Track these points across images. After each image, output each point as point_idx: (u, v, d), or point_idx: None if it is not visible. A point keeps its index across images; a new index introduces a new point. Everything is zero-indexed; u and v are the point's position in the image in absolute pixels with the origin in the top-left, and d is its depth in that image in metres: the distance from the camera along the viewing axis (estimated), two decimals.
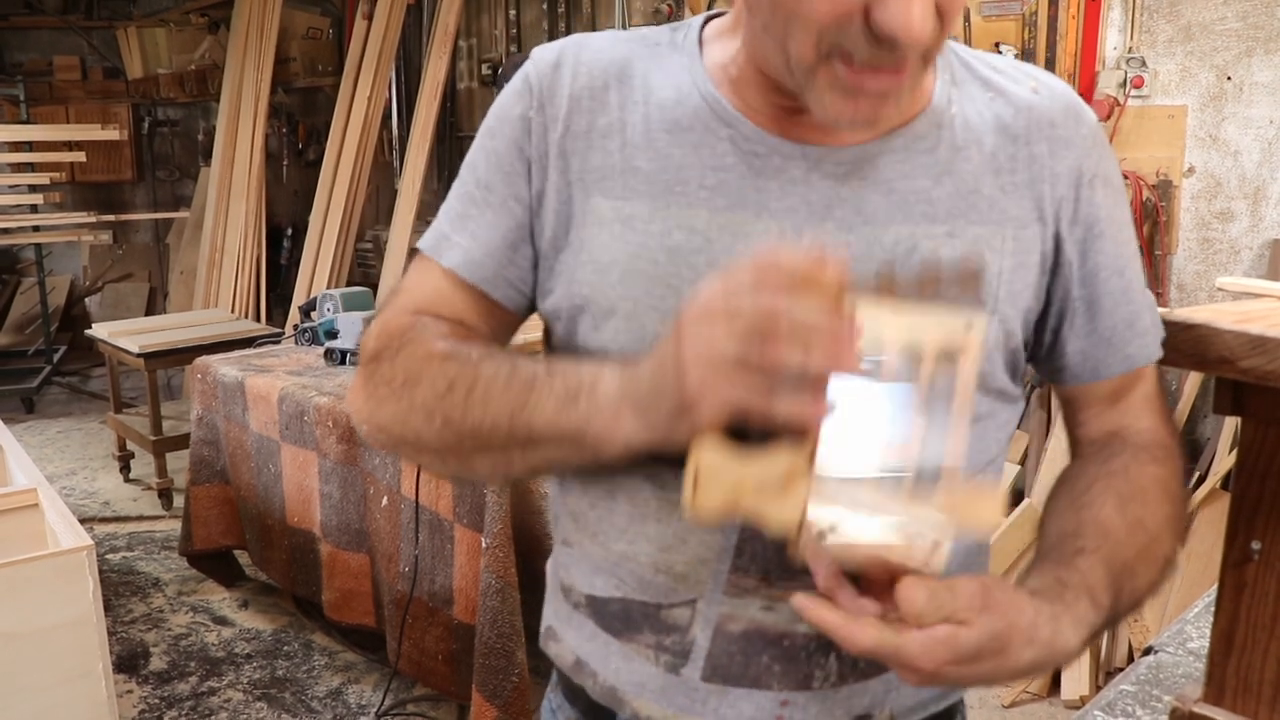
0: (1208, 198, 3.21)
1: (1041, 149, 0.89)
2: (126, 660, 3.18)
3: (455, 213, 0.96)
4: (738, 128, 0.86)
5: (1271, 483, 0.95)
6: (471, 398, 0.83)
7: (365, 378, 0.93)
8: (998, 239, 0.87)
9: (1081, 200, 0.90)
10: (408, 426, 0.88)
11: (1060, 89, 0.93)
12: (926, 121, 0.87)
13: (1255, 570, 0.95)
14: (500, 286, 0.94)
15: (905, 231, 0.85)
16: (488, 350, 0.87)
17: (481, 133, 0.96)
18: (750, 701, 0.90)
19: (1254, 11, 3.04)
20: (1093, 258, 0.91)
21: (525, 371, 0.82)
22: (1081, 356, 0.93)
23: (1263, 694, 0.96)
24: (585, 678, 0.99)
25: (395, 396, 0.89)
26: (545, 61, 0.93)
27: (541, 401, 0.80)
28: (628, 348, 0.86)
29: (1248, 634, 0.96)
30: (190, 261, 6.38)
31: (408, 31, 5.89)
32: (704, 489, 0.69)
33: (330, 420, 2.79)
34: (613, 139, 0.89)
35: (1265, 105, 3.06)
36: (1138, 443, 0.93)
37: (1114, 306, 0.92)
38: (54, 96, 6.86)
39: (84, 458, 5.11)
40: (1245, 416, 0.96)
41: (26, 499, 1.98)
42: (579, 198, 0.89)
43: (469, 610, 2.43)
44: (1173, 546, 0.88)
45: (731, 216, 0.85)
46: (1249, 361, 0.90)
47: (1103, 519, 0.85)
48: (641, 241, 0.86)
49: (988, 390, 0.90)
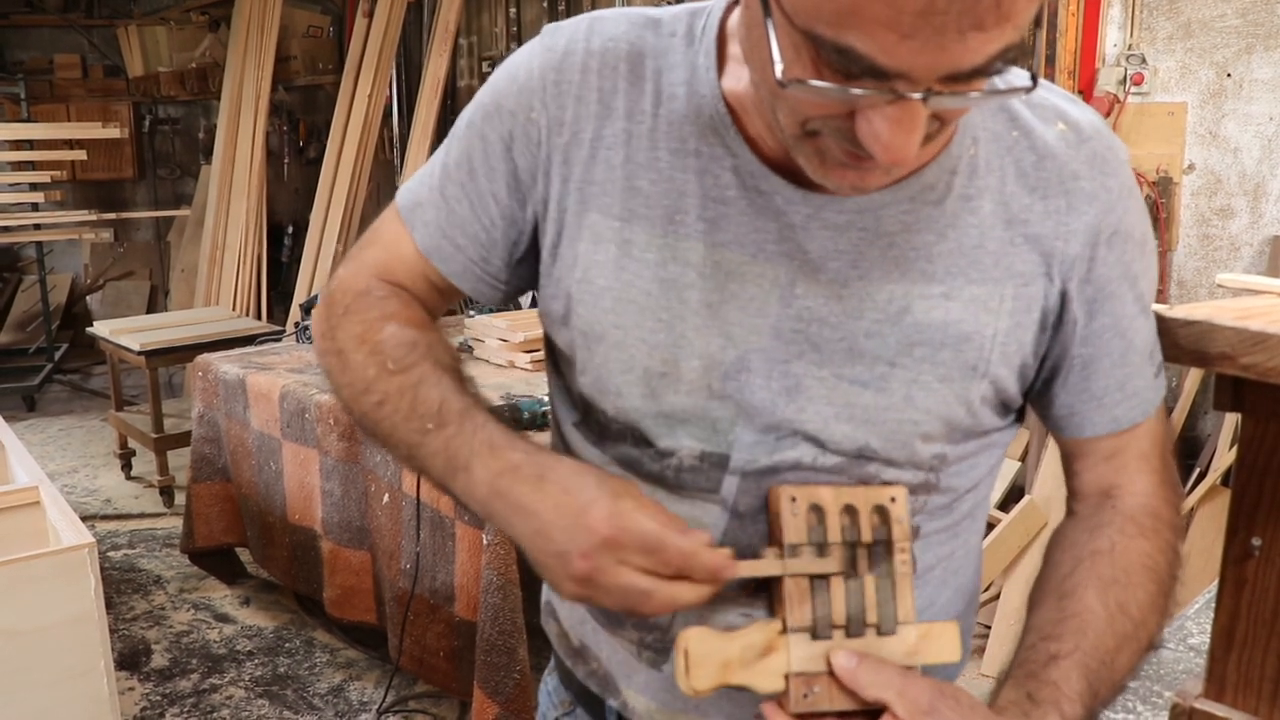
0: (1208, 194, 3.21)
1: (1059, 203, 0.84)
2: (128, 657, 3.18)
3: (436, 180, 0.95)
4: (743, 160, 0.83)
5: (1271, 479, 0.95)
6: (381, 410, 0.88)
7: (322, 316, 0.97)
8: (996, 299, 0.83)
9: (1097, 260, 0.85)
10: (339, 394, 0.94)
11: (1090, 130, 0.87)
12: (939, 168, 0.83)
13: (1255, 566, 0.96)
14: (469, 280, 0.95)
15: (900, 290, 0.82)
16: (410, 355, 0.89)
17: (479, 105, 0.93)
18: (731, 701, 0.90)
19: (1254, 8, 3.04)
20: (1099, 318, 0.87)
21: (425, 406, 0.85)
22: (1068, 411, 0.91)
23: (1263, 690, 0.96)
24: (579, 663, 1.00)
25: (333, 359, 0.94)
26: (555, 51, 0.89)
27: (432, 455, 0.85)
28: (615, 374, 0.86)
29: (1248, 630, 0.97)
30: (191, 259, 6.39)
31: (408, 29, 5.88)
32: (695, 671, 0.78)
33: (331, 418, 2.79)
34: (617, 151, 0.86)
35: (1265, 102, 3.05)
36: (1128, 510, 0.91)
37: (1110, 368, 0.88)
38: (55, 95, 6.87)
39: (85, 455, 5.12)
40: (1245, 413, 0.96)
41: (28, 497, 1.98)
42: (575, 208, 0.87)
43: (470, 607, 2.43)
44: (1157, 627, 0.87)
45: (727, 254, 0.83)
46: (1249, 358, 0.90)
47: (1083, 610, 0.84)
48: (637, 270, 0.85)
49: (973, 436, 0.89)
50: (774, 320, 0.83)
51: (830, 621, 0.80)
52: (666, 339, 0.84)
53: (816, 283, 0.82)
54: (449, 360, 0.90)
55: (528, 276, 0.95)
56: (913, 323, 0.82)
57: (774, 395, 0.83)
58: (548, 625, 1.06)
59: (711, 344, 0.83)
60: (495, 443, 0.82)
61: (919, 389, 0.83)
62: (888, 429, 0.83)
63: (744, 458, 0.85)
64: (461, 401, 0.85)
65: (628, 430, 0.88)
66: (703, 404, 0.84)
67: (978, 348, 0.83)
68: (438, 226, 0.93)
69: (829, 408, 0.83)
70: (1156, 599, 0.87)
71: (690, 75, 0.85)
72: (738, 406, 0.84)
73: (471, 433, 0.83)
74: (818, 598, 0.80)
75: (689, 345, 0.84)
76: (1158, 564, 0.88)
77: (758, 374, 0.83)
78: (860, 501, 0.82)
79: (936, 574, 0.94)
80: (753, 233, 0.83)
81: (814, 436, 0.84)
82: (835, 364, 0.83)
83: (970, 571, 0.99)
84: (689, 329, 0.83)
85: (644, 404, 0.86)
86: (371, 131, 5.56)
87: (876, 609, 0.81)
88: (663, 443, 0.87)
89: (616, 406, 0.88)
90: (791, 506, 0.81)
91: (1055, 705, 0.77)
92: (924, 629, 0.81)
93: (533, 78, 0.89)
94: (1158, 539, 0.89)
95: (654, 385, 0.85)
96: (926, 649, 0.81)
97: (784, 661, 0.79)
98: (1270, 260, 3.07)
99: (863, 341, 0.82)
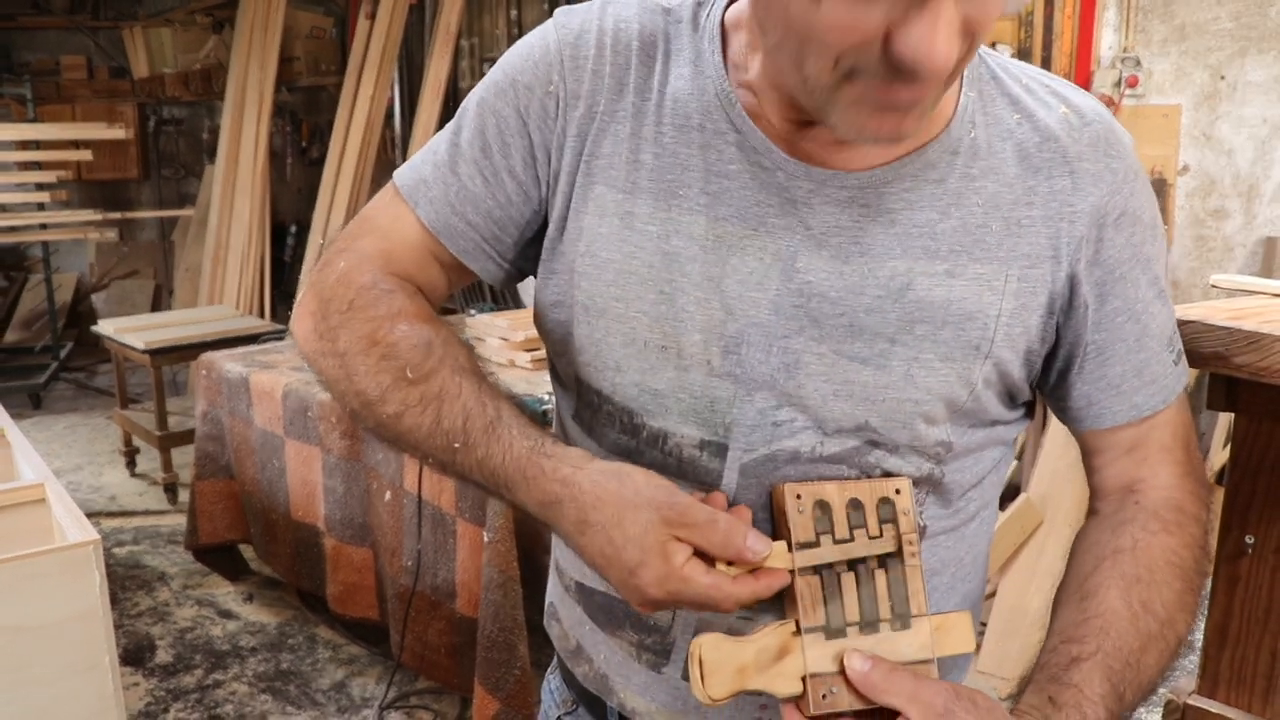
0: (1202, 196, 3.22)
1: (1064, 184, 0.83)
2: (133, 653, 3.20)
3: (443, 160, 0.93)
4: (747, 135, 0.83)
5: (1265, 477, 0.96)
6: (401, 423, 0.85)
7: (315, 313, 0.91)
8: (1000, 278, 0.82)
9: (1104, 241, 0.84)
10: (343, 401, 0.90)
11: (1093, 114, 0.86)
12: (940, 148, 0.83)
13: (1249, 564, 0.97)
14: (478, 259, 0.93)
15: (903, 267, 0.81)
16: (428, 360, 0.85)
17: (491, 84, 0.92)
18: (731, 703, 0.91)
19: (1247, 11, 3.05)
20: (1111, 301, 0.85)
21: (449, 423, 0.83)
22: (1086, 401, 0.89)
23: (1256, 686, 0.97)
24: (580, 663, 1.00)
25: (333, 362, 0.89)
26: (570, 29, 0.89)
27: (468, 471, 0.84)
28: (616, 347, 0.86)
29: (1242, 627, 0.98)
30: (195, 259, 6.40)
31: (410, 31, 5.89)
32: (711, 678, 0.77)
33: (334, 416, 2.80)
34: (625, 125, 0.86)
35: (1259, 104, 3.07)
36: (1151, 506, 0.88)
37: (1126, 353, 0.86)
38: (61, 96, 6.89)
39: (90, 453, 5.13)
40: (1239, 412, 0.98)
41: (34, 494, 1.99)
42: (582, 181, 0.87)
43: (471, 604, 2.44)
44: (1186, 625, 0.85)
45: (728, 228, 0.83)
46: (1242, 358, 0.91)
47: (1106, 610, 0.82)
48: (639, 243, 0.85)
49: (979, 424, 0.88)
50: (774, 294, 0.83)
51: (844, 619, 0.79)
52: (668, 311, 0.84)
53: (818, 257, 0.82)
54: (466, 361, 0.87)
55: (535, 257, 0.94)
56: (914, 300, 0.81)
57: (773, 370, 0.83)
58: (550, 627, 1.06)
59: (712, 317, 0.83)
60: (528, 472, 0.81)
61: (919, 367, 0.82)
62: (887, 408, 0.83)
63: (742, 445, 0.84)
64: (485, 416, 0.83)
65: (624, 413, 0.88)
66: (701, 380, 0.84)
67: (981, 327, 0.82)
68: (447, 203, 0.91)
69: (828, 384, 0.83)
70: (1184, 596, 0.85)
71: (696, 57, 0.86)
72: (736, 384, 0.84)
73: (501, 457, 0.82)
74: (830, 596, 0.79)
75: (689, 318, 0.84)
76: (1183, 560, 0.86)
77: (756, 348, 0.83)
78: (865, 495, 0.81)
79: (945, 579, 0.93)
80: (754, 206, 0.83)
81: (813, 415, 0.83)
82: (835, 340, 0.82)
83: (978, 579, 0.98)
84: (690, 301, 0.83)
85: (644, 378, 0.86)
86: (374, 132, 5.57)
87: (890, 603, 0.80)
88: (658, 423, 0.86)
89: (615, 384, 0.87)
90: (798, 504, 0.80)
91: (1077, 708, 0.77)
92: (938, 621, 0.81)
93: (549, 52, 0.89)
94: (1183, 534, 0.87)
95: (654, 360, 0.85)
96: (942, 641, 0.81)
97: (800, 663, 0.78)
98: (1264, 261, 3.09)
99: (863, 318, 0.82)
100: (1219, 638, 1.00)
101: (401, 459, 2.60)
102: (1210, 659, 1.00)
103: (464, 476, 0.85)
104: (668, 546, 0.76)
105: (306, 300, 0.93)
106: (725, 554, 0.76)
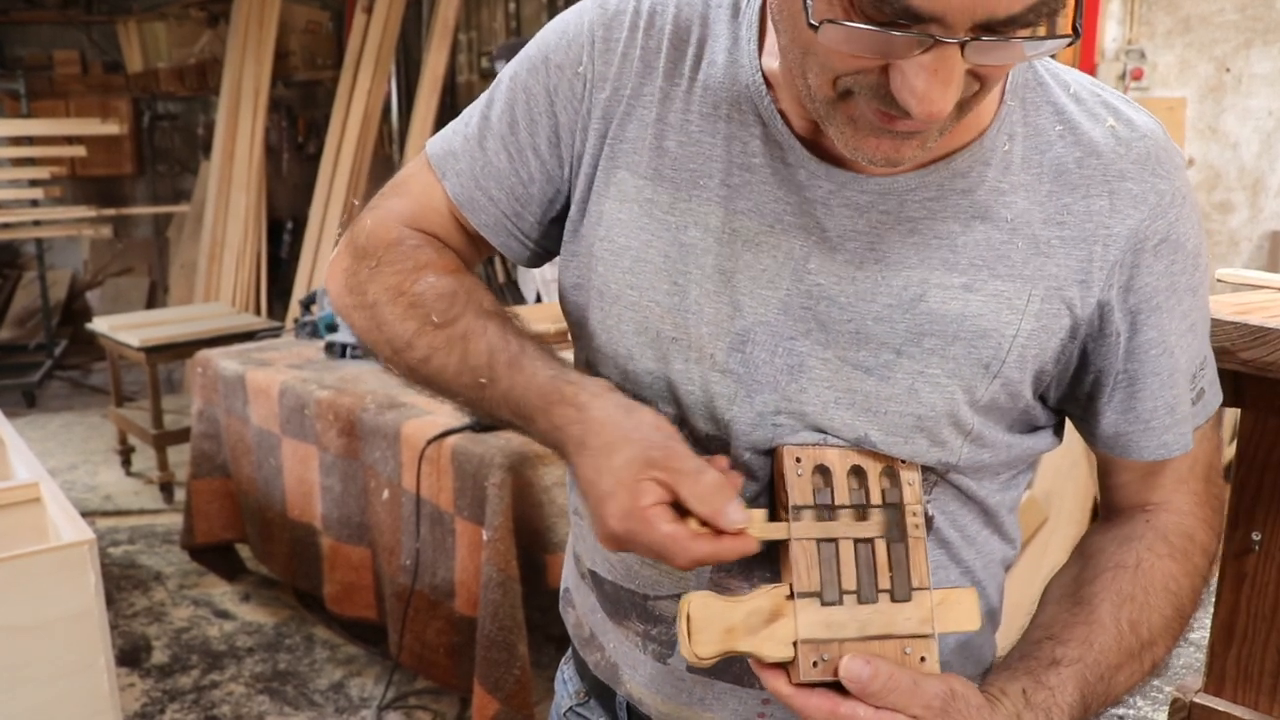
0: (1207, 189, 3.21)
1: (1101, 204, 0.79)
2: (128, 654, 3.19)
3: (474, 131, 0.94)
4: (773, 129, 0.82)
5: (1271, 474, 0.95)
6: (429, 366, 0.87)
7: (347, 269, 0.95)
8: (1022, 298, 0.80)
9: (1141, 268, 0.80)
10: (373, 349, 0.93)
11: (1144, 131, 0.82)
12: (971, 157, 0.80)
13: (1255, 561, 0.96)
14: (500, 235, 0.94)
15: (917, 277, 0.79)
16: (452, 307, 0.88)
17: (525, 58, 0.92)
18: (734, 697, 0.90)
19: (1252, 3, 3.04)
20: (1145, 332, 0.82)
21: (475, 359, 0.85)
22: (1114, 432, 0.86)
23: (1263, 684, 0.96)
24: (592, 651, 1.01)
25: (364, 314, 0.92)
26: (607, 9, 0.89)
27: (496, 406, 0.85)
28: (629, 335, 0.86)
29: (1248, 624, 0.97)
30: (190, 255, 6.38)
31: (407, 25, 5.88)
32: (698, 636, 0.75)
33: (331, 414, 2.79)
34: (651, 110, 0.86)
35: (1264, 96, 3.06)
36: (1161, 528, 0.88)
37: (1159, 388, 0.84)
38: (54, 91, 6.86)
39: (85, 452, 5.11)
40: (1245, 408, 0.97)
41: (28, 493, 1.98)
42: (605, 164, 0.88)
43: (470, 603, 2.43)
44: (1166, 649, 0.86)
45: (744, 222, 0.82)
46: (1249, 353, 0.90)
47: (1094, 621, 0.83)
48: (656, 231, 0.85)
49: (984, 445, 0.86)
50: (784, 294, 0.82)
51: (839, 586, 0.77)
52: (679, 302, 0.84)
53: (831, 261, 0.81)
54: (490, 305, 0.89)
55: (558, 238, 0.94)
56: (926, 311, 0.80)
57: (776, 372, 0.82)
58: (565, 613, 1.07)
59: (720, 311, 0.83)
60: (550, 397, 0.82)
61: (924, 381, 0.81)
62: (888, 420, 0.81)
63: (744, 444, 0.84)
64: (508, 351, 0.84)
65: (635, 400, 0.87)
66: (705, 374, 0.84)
67: (995, 345, 0.80)
68: (471, 176, 0.93)
69: (830, 391, 0.82)
70: (1171, 622, 0.85)
71: (732, 44, 0.85)
72: (738, 381, 0.83)
73: (524, 387, 0.83)
74: (826, 562, 0.77)
75: (699, 310, 0.83)
76: (1180, 588, 0.86)
77: (761, 347, 0.82)
78: (868, 464, 0.80)
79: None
80: (772, 203, 0.82)
81: (810, 424, 0.82)
82: (840, 346, 0.81)
83: (994, 594, 0.97)
84: (701, 294, 0.83)
85: (655, 366, 0.85)
86: (371, 127, 5.56)
87: (889, 574, 0.78)
88: (667, 412, 0.86)
89: (625, 370, 0.87)
90: (796, 467, 0.78)
91: (1046, 712, 0.77)
92: (941, 595, 0.78)
93: (582, 33, 0.89)
94: (1186, 563, 0.87)
95: (665, 349, 0.85)
96: (944, 616, 0.78)
97: (791, 628, 0.75)
98: (1270, 255, 3.08)
99: (871, 325, 0.80)
100: (1225, 635, 1.00)
101: (399, 458, 2.59)
102: (1217, 656, 1.00)
103: (493, 414, 0.86)
104: (641, 484, 0.75)
105: (339, 257, 0.96)
106: (701, 509, 0.75)
